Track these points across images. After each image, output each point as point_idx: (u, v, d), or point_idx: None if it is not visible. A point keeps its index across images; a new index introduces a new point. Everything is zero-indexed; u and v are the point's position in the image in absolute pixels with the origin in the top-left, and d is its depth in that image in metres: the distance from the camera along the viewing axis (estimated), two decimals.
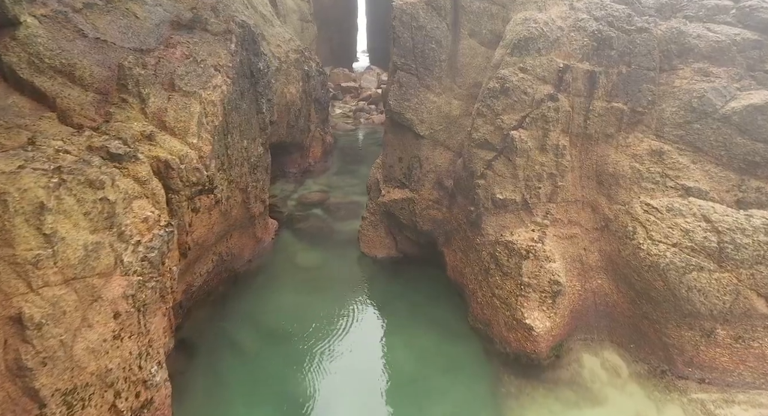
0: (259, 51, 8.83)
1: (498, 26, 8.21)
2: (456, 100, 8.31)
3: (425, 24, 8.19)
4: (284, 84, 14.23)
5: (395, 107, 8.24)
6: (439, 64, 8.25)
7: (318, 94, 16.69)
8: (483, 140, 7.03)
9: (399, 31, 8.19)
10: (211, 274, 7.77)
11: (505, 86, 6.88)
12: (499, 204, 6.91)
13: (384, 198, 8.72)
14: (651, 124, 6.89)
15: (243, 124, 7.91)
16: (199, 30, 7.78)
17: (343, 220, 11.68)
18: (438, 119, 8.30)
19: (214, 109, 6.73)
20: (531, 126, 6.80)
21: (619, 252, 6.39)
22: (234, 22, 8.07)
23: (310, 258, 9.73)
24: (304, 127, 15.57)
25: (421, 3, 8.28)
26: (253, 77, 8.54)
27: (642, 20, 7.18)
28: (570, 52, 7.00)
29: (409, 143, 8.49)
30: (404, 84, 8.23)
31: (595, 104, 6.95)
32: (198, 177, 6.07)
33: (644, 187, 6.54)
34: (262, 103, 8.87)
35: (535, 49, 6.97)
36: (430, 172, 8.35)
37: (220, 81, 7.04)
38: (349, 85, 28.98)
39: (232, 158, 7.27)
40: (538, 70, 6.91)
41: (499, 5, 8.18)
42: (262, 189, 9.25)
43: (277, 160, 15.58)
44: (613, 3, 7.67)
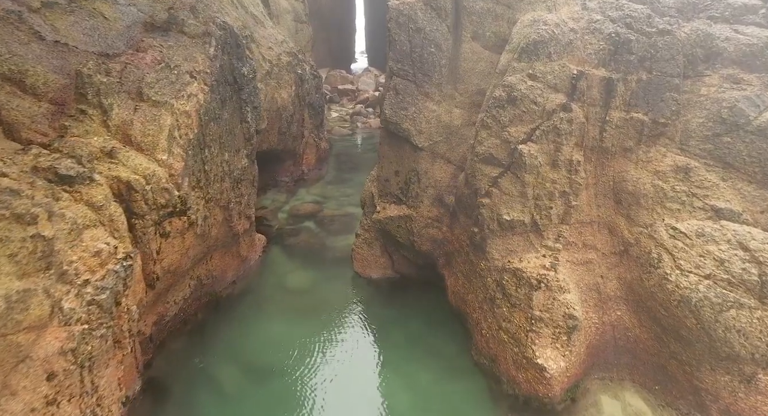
0: (243, 55, 8.14)
1: (503, 28, 7.53)
2: (457, 108, 7.63)
3: (424, 26, 7.52)
4: (275, 88, 13.54)
5: (391, 116, 7.55)
6: (439, 69, 7.56)
7: (312, 99, 16.00)
8: (488, 155, 6.34)
9: (395, 34, 7.51)
10: (189, 301, 7.06)
11: (512, 95, 6.20)
12: (506, 225, 6.23)
13: (379, 214, 8.03)
14: (675, 136, 6.22)
15: (224, 135, 7.22)
16: (175, 32, 7.08)
17: (336, 235, 10.98)
18: (438, 129, 7.62)
19: (188, 121, 6.04)
20: (541, 139, 6.12)
21: (641, 281, 5.71)
22: (214, 23, 7.39)
23: (300, 279, 9.02)
24: (297, 133, 14.88)
25: (419, 3, 7.60)
26: (237, 83, 7.84)
27: (663, 21, 6.52)
28: (584, 58, 6.33)
29: (407, 155, 7.80)
30: (401, 91, 7.55)
31: (612, 115, 6.28)
32: (167, 198, 5.37)
33: (669, 207, 5.86)
34: (246, 111, 8.18)
35: (545, 53, 6.29)
36: (429, 187, 7.66)
37: (196, 89, 6.34)
38: (346, 87, 28.34)
39: (209, 174, 6.57)
40: (549, 77, 6.23)
41: (504, 5, 7.51)
42: (248, 204, 8.56)
43: (268, 168, 14.89)
44: (631, 2, 7.01)
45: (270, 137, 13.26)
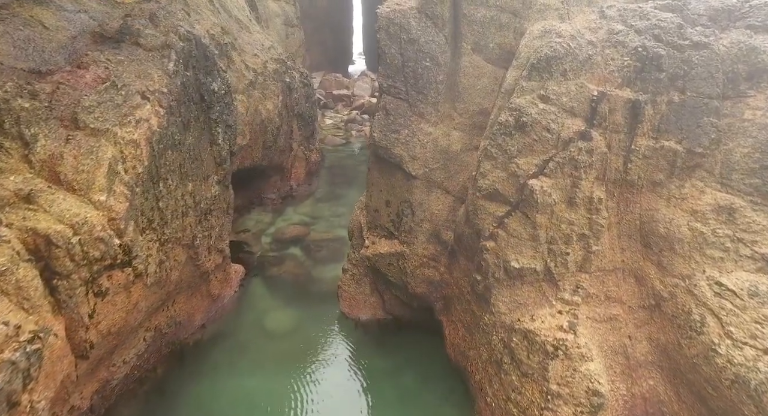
0: (214, 69, 7.18)
1: (509, 39, 6.60)
2: (456, 130, 6.68)
3: (418, 37, 6.57)
4: (259, 100, 12.59)
5: (381, 140, 6.60)
6: (436, 86, 6.62)
7: (301, 109, 15.04)
8: (492, 190, 5.40)
9: (385, 46, 6.56)
10: (144, 356, 6.09)
11: (521, 120, 5.26)
12: (515, 274, 5.28)
13: (368, 250, 7.07)
14: (714, 169, 5.29)
15: (186, 163, 6.25)
16: (129, 44, 6.12)
17: (323, 264, 10.01)
18: (434, 155, 6.67)
19: (135, 151, 5.07)
20: (556, 173, 5.18)
21: (679, 347, 4.78)
22: (176, 33, 6.43)
23: (281, 320, 8.04)
24: (284, 146, 13.92)
25: (412, 11, 6.66)
26: (205, 102, 6.88)
27: (698, 32, 5.60)
28: (605, 76, 5.40)
29: (399, 184, 6.85)
30: (392, 111, 6.60)
31: (638, 142, 5.34)
32: (103, 250, 4.41)
33: (710, 255, 4.92)
34: (217, 132, 7.21)
35: (559, 71, 5.36)
36: (424, 220, 6.71)
37: (149, 112, 5.38)
38: (341, 92, 27.39)
39: (166, 211, 5.62)
40: (564, 99, 5.29)
41: (509, 13, 6.57)
42: (219, 236, 7.59)
43: (253, 185, 13.92)
44: (656, 10, 6.08)
45: (253, 153, 12.30)
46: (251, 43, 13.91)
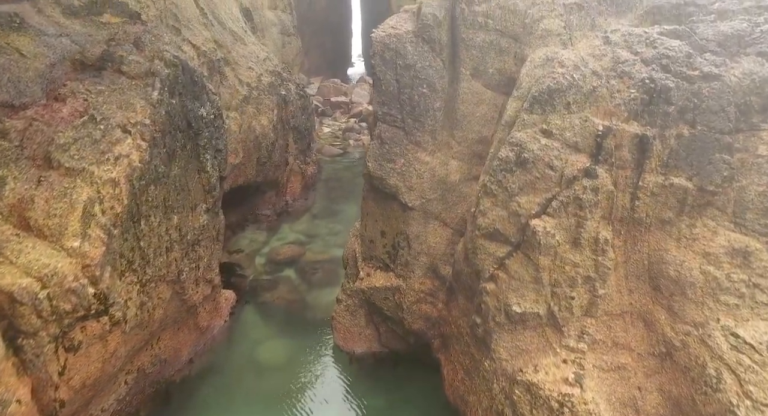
0: (202, 93, 6.90)
1: (509, 65, 6.33)
2: (455, 160, 6.40)
3: (414, 62, 6.30)
4: (253, 115, 12.31)
5: (375, 171, 6.31)
6: (433, 113, 6.34)
7: (297, 121, 14.76)
8: (492, 229, 5.12)
9: (380, 72, 6.28)
10: (127, 399, 5.79)
11: (522, 157, 4.98)
12: (516, 318, 5.00)
13: (362, 282, 6.77)
14: (727, 207, 5.01)
15: (171, 195, 5.97)
16: (111, 72, 5.84)
17: (319, 288, 9.71)
18: (431, 185, 6.39)
19: (114, 191, 4.79)
20: (559, 212, 4.91)
21: (693, 402, 4.49)
22: (162, 59, 6.15)
23: (274, 352, 7.73)
24: (279, 161, 13.64)
25: (408, 35, 6.38)
26: (192, 129, 6.60)
27: (708, 62, 5.33)
28: (611, 109, 5.12)
29: (394, 215, 6.57)
30: (387, 140, 6.32)
31: (646, 179, 5.06)
32: (75, 302, 4.13)
33: (724, 301, 4.64)
34: (205, 159, 6.93)
35: (562, 104, 5.09)
36: (421, 254, 6.42)
37: (130, 147, 5.10)
38: (339, 99, 27.12)
39: (147, 250, 5.33)
40: (568, 134, 5.02)
41: (510, 37, 6.30)
42: (208, 266, 7.30)
43: (247, 202, 13.63)
44: (663, 37, 5.82)
45: (247, 170, 12.01)
46: (246, 56, 13.65)
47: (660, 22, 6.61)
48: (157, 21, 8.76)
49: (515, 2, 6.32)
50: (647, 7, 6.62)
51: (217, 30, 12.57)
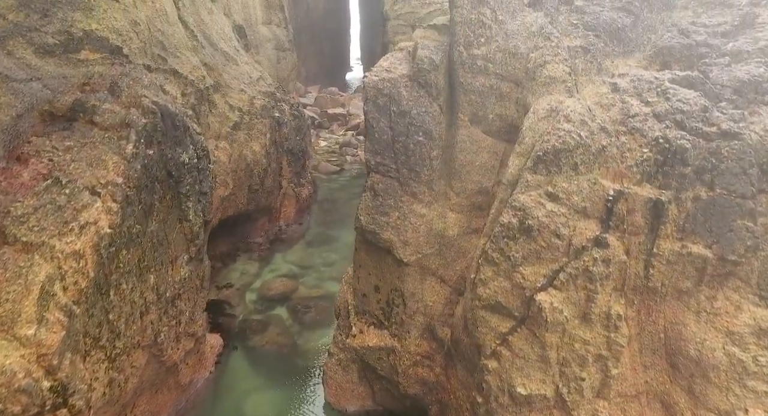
0: (185, 137, 6.49)
1: (510, 111, 5.93)
2: (453, 212, 6.00)
3: (409, 108, 5.90)
4: (245, 142, 11.90)
5: (368, 224, 5.90)
6: (429, 162, 5.94)
7: (291, 144, 14.37)
8: (494, 302, 4.71)
9: (373, 120, 5.87)
10: None
11: (526, 223, 4.58)
12: (521, 400, 4.58)
13: (355, 340, 6.35)
14: (751, 279, 4.61)
15: (148, 254, 5.55)
16: (83, 123, 5.42)
17: (311, 329, 9.26)
18: (428, 239, 5.98)
19: (78, 264, 4.37)
20: (567, 285, 4.50)
21: None
22: (139, 106, 5.73)
23: (261, 406, 7.25)
24: (272, 186, 13.23)
25: (403, 79, 5.98)
26: (172, 177, 6.19)
27: (726, 117, 4.94)
28: (622, 170, 4.73)
29: (389, 269, 6.15)
30: (380, 192, 5.91)
31: (661, 246, 4.66)
32: (27, 401, 3.70)
33: (752, 388, 4.23)
34: (187, 207, 6.50)
35: (569, 165, 4.69)
36: (417, 313, 6.00)
37: (98, 211, 4.69)
38: (336, 111, 26.76)
39: (118, 322, 4.90)
40: (576, 198, 4.62)
41: (511, 82, 5.91)
42: (191, 318, 6.86)
43: (238, 230, 13.18)
44: (675, 85, 5.43)
45: (237, 200, 11.59)
46: (238, 77, 13.27)
47: (670, 64, 6.23)
48: (141, 53, 8.35)
49: (516, 45, 5.94)
50: (657, 48, 6.25)
51: (207, 52, 12.20)
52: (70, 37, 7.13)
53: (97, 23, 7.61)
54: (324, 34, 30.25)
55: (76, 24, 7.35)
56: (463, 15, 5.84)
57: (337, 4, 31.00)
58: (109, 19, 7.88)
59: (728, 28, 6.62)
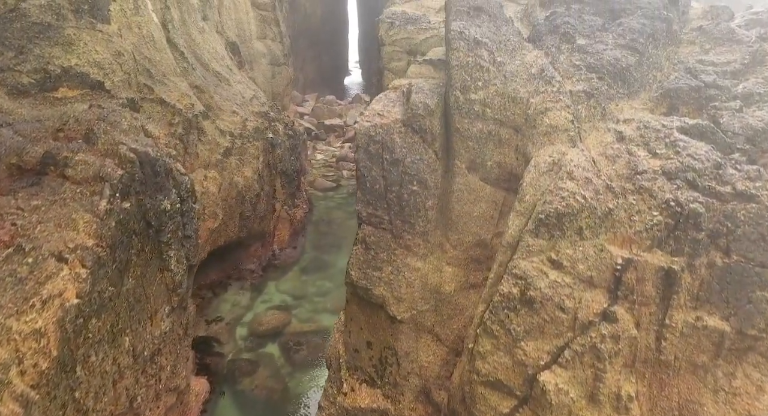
0: (166, 182, 6.13)
1: (509, 158, 5.60)
2: (449, 266, 5.65)
3: (403, 156, 5.56)
4: (236, 168, 11.54)
5: (359, 280, 5.55)
6: (425, 213, 5.60)
7: (285, 165, 14.01)
8: (494, 378, 4.36)
9: (365, 169, 5.53)
10: None
11: (528, 295, 4.24)
12: None
13: (347, 398, 5.98)
14: None
15: (122, 315, 5.19)
16: (54, 177, 5.08)
17: (303, 370, 8.87)
18: (423, 295, 5.63)
19: (39, 344, 4.02)
20: (573, 364, 4.16)
21: None
22: (116, 155, 5.39)
23: None
24: (265, 210, 12.86)
25: (396, 125, 5.65)
26: (152, 227, 5.84)
27: (740, 174, 4.61)
28: (631, 236, 4.40)
29: (381, 325, 5.80)
30: (373, 245, 5.56)
31: (674, 317, 4.32)
32: None
33: None
34: (168, 256, 6.14)
35: (573, 229, 4.36)
36: (411, 374, 5.65)
37: (65, 281, 4.33)
38: (333, 122, 26.44)
39: (85, 400, 4.50)
40: (581, 266, 4.29)
41: (510, 128, 5.58)
42: (173, 371, 6.49)
43: (230, 257, 12.77)
44: (684, 136, 5.10)
45: (228, 229, 11.23)
46: (230, 99, 12.94)
47: (678, 107, 5.92)
48: (124, 85, 8.01)
49: (516, 89, 5.61)
50: (664, 89, 5.93)
51: (198, 74, 11.88)
52: (47, 74, 6.80)
53: (77, 58, 7.29)
54: (322, 39, 30.02)
55: (53, 60, 7.03)
56: (459, 58, 5.51)
57: (335, 9, 30.81)
58: (90, 52, 7.56)
59: (738, 66, 6.33)
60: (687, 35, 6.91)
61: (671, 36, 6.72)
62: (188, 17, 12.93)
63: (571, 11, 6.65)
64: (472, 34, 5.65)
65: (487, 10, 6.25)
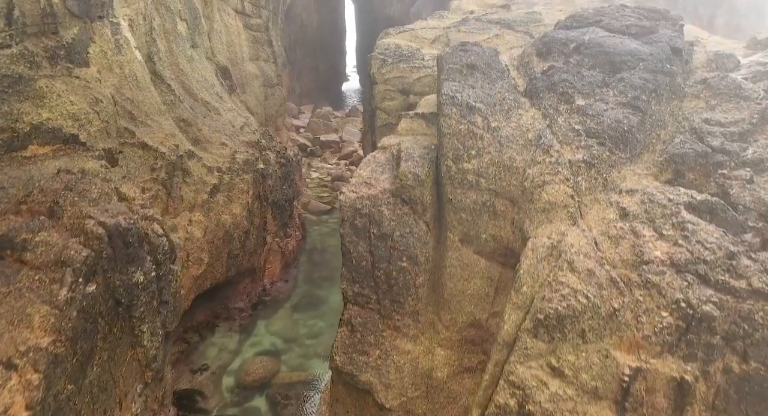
0: (139, 251, 5.74)
1: (506, 232, 5.22)
2: (442, 348, 5.25)
3: (392, 230, 5.18)
4: (224, 205, 11.10)
5: (344, 366, 5.15)
6: (415, 291, 5.21)
7: (277, 196, 13.60)
8: None
9: (350, 244, 5.15)
10: None
11: (525, 409, 3.85)
12: None
13: None
14: None
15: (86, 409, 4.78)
16: (11, 262, 4.66)
17: None
18: (413, 381, 5.23)
19: None
20: None
21: None
22: (82, 231, 5.00)
23: None
24: (255, 245, 12.43)
25: (385, 195, 5.27)
26: (121, 305, 5.44)
27: (756, 266, 4.22)
28: (639, 341, 4.01)
29: (369, 411, 5.38)
30: (359, 327, 5.17)
31: None
32: None
33: None
34: (141, 332, 5.72)
35: (576, 331, 3.98)
36: None
37: (13, 392, 3.91)
38: (329, 138, 26.10)
39: None
40: (585, 376, 3.91)
41: (506, 199, 5.21)
42: None
43: (218, 295, 12.27)
44: (692, 214, 4.74)
45: (215, 271, 10.77)
46: (219, 130, 12.57)
47: (684, 173, 5.53)
48: (102, 134, 7.61)
49: (512, 156, 5.24)
50: (669, 154, 5.56)
51: (185, 107, 11.52)
52: (15, 133, 6.38)
53: (49, 111, 6.87)
54: (318, 48, 29.79)
55: (23, 117, 6.60)
56: (451, 126, 5.15)
57: (332, 17, 30.62)
58: (65, 104, 7.15)
59: (746, 126, 5.97)
60: (691, 88, 6.56)
61: (675, 90, 6.37)
62: (176, 47, 12.60)
63: (570, 65, 6.29)
64: (464, 98, 5.29)
65: (481, 67, 5.89)
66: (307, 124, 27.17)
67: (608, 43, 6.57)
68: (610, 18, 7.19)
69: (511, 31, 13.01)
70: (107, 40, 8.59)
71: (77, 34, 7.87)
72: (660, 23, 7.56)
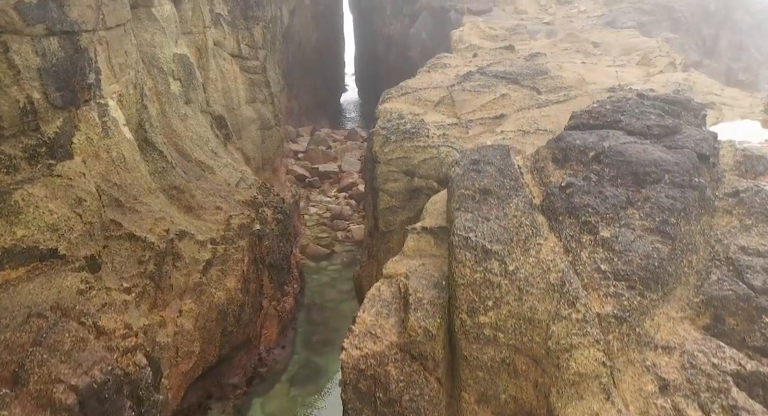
0: (118, 401, 5.17)
1: (528, 395, 4.66)
2: None
3: (399, 393, 4.62)
4: (217, 281, 10.50)
5: None
6: None
7: (274, 257, 13.04)
8: None
9: (353, 411, 4.58)
10: None
11: None
12: None
13: None
14: None
15: None
16: None
17: None
18: None
19: None
20: None
21: None
22: (50, 402, 4.42)
23: None
24: (251, 316, 11.83)
25: (392, 351, 4.71)
26: None
27: None
28: None
29: None
30: None
31: None
32: None
33: None
34: None
35: None
36: None
37: None
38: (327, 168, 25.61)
39: None
40: None
41: (528, 357, 4.65)
42: None
43: (212, 372, 11.74)
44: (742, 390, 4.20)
45: (207, 355, 10.11)
46: (213, 192, 12.03)
47: (724, 318, 4.98)
48: (85, 238, 7.06)
49: (533, 306, 4.69)
50: (706, 296, 5.04)
51: (178, 172, 11.03)
52: None
53: (25, 228, 6.30)
54: (317, 66, 29.52)
55: None
56: (465, 276, 4.62)
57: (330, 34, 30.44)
58: (42, 215, 6.56)
59: None
60: (722, 202, 6.05)
61: (705, 204, 5.87)
62: (169, 108, 12.16)
63: (590, 182, 5.79)
64: (479, 240, 4.77)
65: (495, 191, 5.39)
66: (306, 151, 26.72)
67: (630, 152, 6.08)
68: (630, 116, 6.71)
69: (518, 87, 12.57)
70: (94, 126, 8.05)
71: (61, 125, 7.34)
72: (682, 118, 7.10)
